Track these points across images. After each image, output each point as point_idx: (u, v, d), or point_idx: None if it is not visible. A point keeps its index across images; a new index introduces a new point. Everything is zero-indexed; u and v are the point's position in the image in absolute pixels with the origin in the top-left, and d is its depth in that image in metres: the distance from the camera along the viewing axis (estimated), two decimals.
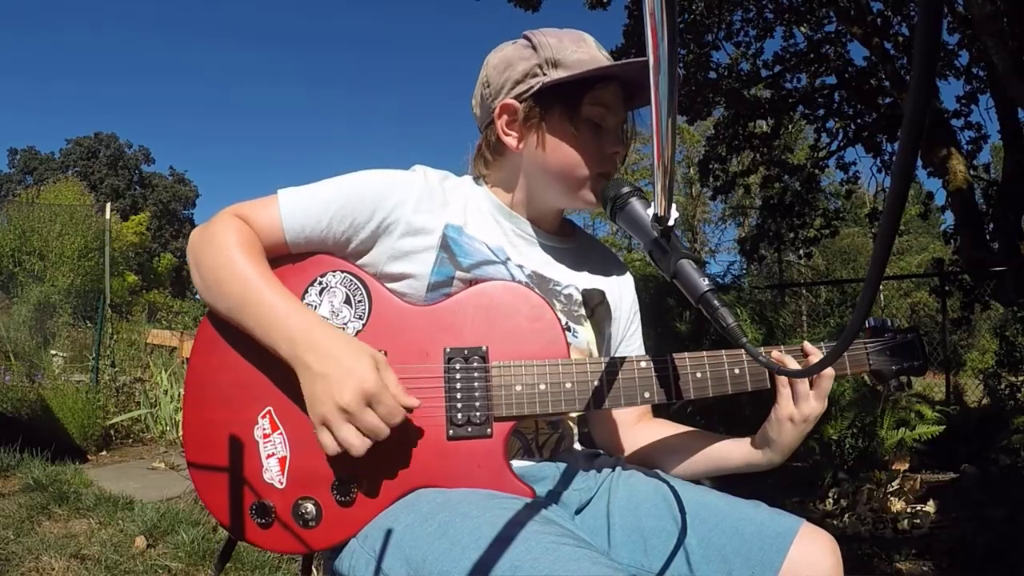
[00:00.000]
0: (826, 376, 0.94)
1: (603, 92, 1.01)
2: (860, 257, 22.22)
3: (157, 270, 33.02)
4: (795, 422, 0.95)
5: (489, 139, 1.07)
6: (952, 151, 5.92)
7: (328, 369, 0.83)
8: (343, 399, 0.81)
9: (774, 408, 0.96)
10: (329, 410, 0.82)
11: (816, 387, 0.94)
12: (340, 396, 0.81)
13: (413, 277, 0.97)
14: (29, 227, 12.68)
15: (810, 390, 0.94)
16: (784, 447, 0.98)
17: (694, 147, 21.75)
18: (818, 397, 0.94)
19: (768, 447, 0.99)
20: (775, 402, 0.96)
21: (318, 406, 0.83)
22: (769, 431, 0.98)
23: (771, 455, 0.99)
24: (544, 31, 1.04)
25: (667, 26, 0.54)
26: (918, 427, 3.85)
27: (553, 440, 1.04)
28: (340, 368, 0.83)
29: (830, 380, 0.95)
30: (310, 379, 0.84)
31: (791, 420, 0.95)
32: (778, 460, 1.00)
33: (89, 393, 5.14)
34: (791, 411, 0.94)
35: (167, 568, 2.47)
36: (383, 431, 0.83)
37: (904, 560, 2.68)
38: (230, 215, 0.95)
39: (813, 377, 0.94)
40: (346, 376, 0.82)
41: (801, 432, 0.96)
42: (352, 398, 0.81)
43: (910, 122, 0.35)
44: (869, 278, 0.44)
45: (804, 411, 0.94)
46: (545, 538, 0.73)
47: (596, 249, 1.19)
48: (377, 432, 0.83)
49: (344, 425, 0.82)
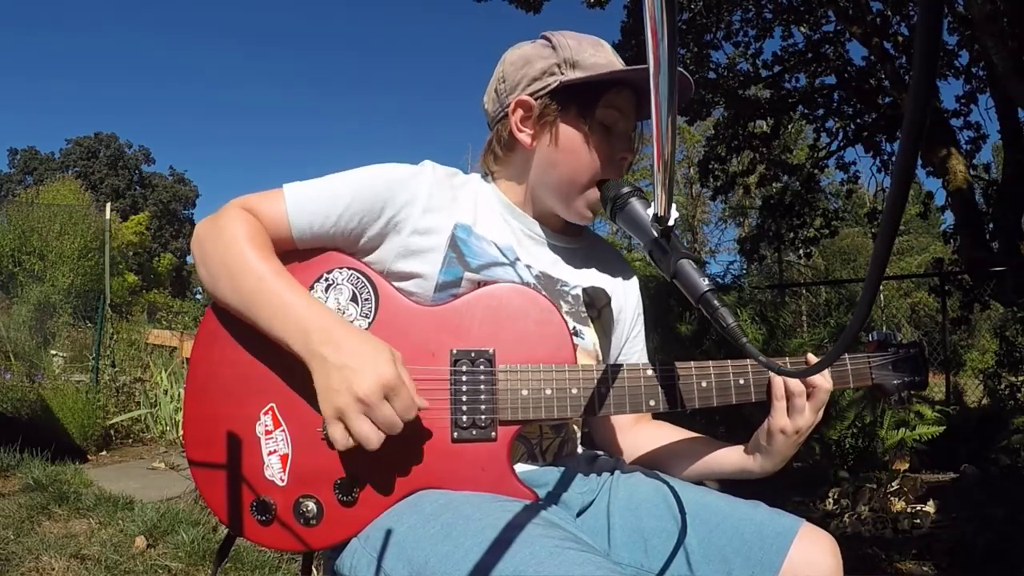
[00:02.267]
0: (822, 389, 0.94)
1: (617, 97, 1.01)
2: (860, 257, 22.22)
3: (157, 270, 33.01)
4: (787, 434, 0.94)
5: (501, 135, 1.07)
6: (952, 151, 5.92)
7: (346, 360, 0.82)
8: (362, 389, 0.80)
9: (768, 419, 0.96)
10: (346, 401, 0.81)
11: (812, 399, 0.94)
12: (359, 386, 0.80)
13: (421, 276, 0.96)
14: (29, 227, 12.67)
15: (806, 402, 0.94)
16: (777, 457, 0.98)
17: (694, 147, 21.75)
18: (812, 410, 0.94)
19: (761, 455, 0.99)
20: (770, 413, 0.95)
21: (334, 397, 0.82)
22: (762, 440, 0.98)
23: (763, 463, 0.99)
24: (564, 33, 1.05)
25: (667, 26, 0.54)
26: (918, 427, 3.85)
27: (556, 444, 1.04)
28: (359, 359, 0.82)
29: (827, 393, 0.94)
30: (325, 371, 0.83)
31: (783, 432, 0.94)
32: (771, 469, 1.00)
33: (89, 393, 5.14)
34: (784, 423, 0.94)
35: (167, 568, 2.47)
36: (398, 425, 0.82)
37: (904, 560, 2.67)
38: (237, 207, 0.94)
39: (809, 389, 0.94)
40: (365, 367, 0.81)
41: (794, 444, 0.96)
42: (371, 389, 0.80)
43: (910, 122, 0.35)
44: (869, 278, 0.44)
45: (798, 423, 0.94)
46: (549, 541, 0.73)
47: (603, 249, 1.19)
48: (393, 426, 0.82)
49: (359, 417, 0.81)
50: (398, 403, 0.82)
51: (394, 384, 0.81)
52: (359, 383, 0.80)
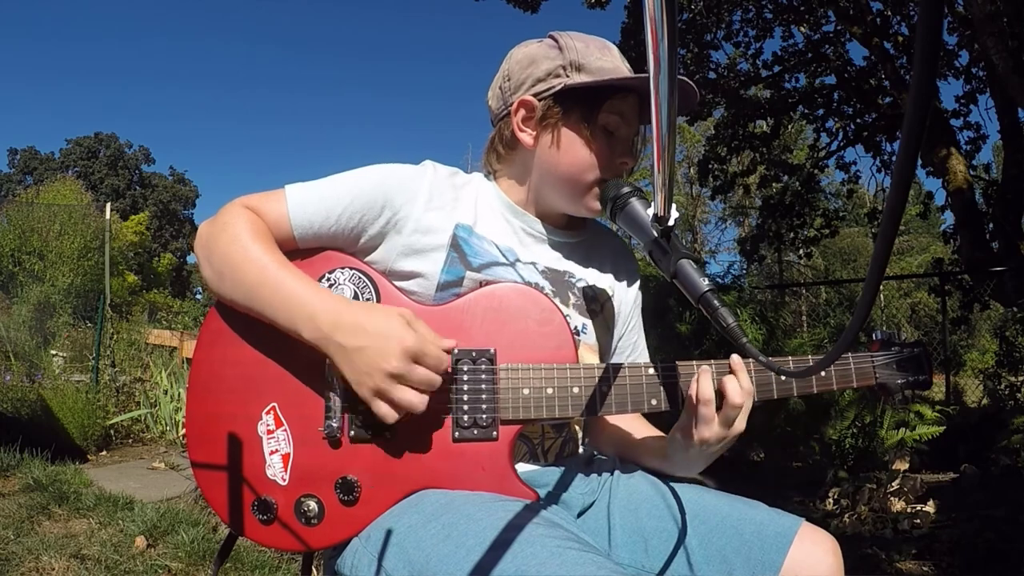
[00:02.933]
0: (730, 404, 0.88)
1: (621, 102, 1.01)
2: (860, 257, 22.22)
3: (157, 270, 32.98)
4: (689, 438, 0.90)
5: (503, 133, 1.07)
6: (952, 151, 5.93)
7: (362, 341, 0.83)
8: (390, 365, 0.81)
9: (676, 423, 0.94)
10: (380, 380, 0.82)
11: (721, 412, 0.88)
12: (387, 363, 0.81)
13: (423, 276, 0.97)
14: (29, 227, 12.65)
15: (714, 413, 0.88)
16: (679, 463, 0.98)
17: (694, 147, 21.76)
18: (722, 422, 0.88)
19: (667, 460, 1.00)
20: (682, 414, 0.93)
21: (366, 380, 0.83)
22: (669, 444, 0.97)
23: (670, 467, 1.00)
24: (571, 34, 1.04)
25: (667, 27, 0.54)
26: (918, 427, 3.86)
27: (558, 445, 1.04)
28: (374, 336, 0.83)
29: (736, 409, 0.88)
30: (346, 357, 0.84)
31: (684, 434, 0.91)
32: (679, 472, 1.00)
33: (89, 393, 5.14)
34: (685, 426, 0.91)
35: (167, 568, 2.47)
36: (437, 380, 0.84)
37: (904, 560, 2.68)
38: (240, 206, 0.95)
39: (719, 401, 0.88)
40: (384, 342, 0.82)
41: (701, 453, 0.92)
42: (399, 362, 0.82)
43: (910, 122, 0.35)
44: (869, 278, 0.44)
45: (704, 434, 0.89)
46: (550, 541, 0.73)
47: (606, 239, 1.18)
48: (432, 383, 0.84)
49: (399, 388, 0.82)
50: (429, 360, 0.83)
51: (418, 347, 0.83)
52: (385, 360, 0.82)
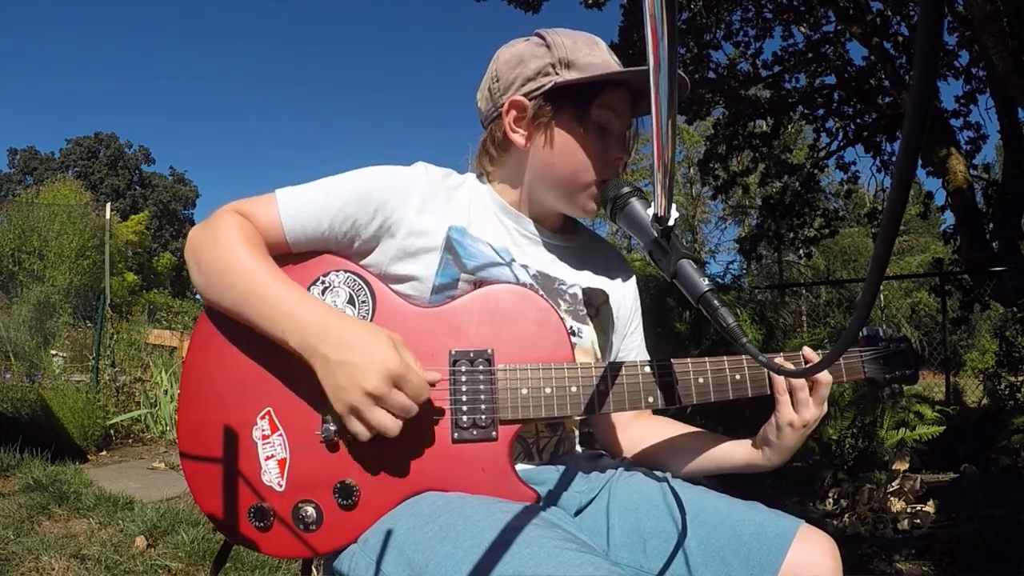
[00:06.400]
0: (823, 383, 0.95)
1: (612, 96, 1.01)
2: (860, 257, 22.21)
3: (157, 270, 32.97)
4: (795, 427, 0.96)
5: (495, 135, 1.06)
6: (952, 151, 5.92)
7: (347, 356, 0.82)
8: (369, 384, 0.81)
9: (775, 414, 0.97)
10: (356, 397, 0.81)
11: (815, 393, 0.95)
12: (366, 381, 0.81)
13: (417, 279, 0.96)
14: (29, 227, 12.66)
15: (809, 396, 0.95)
16: (785, 450, 0.99)
17: (694, 147, 21.75)
18: (817, 403, 0.95)
19: (769, 449, 1.00)
20: (776, 409, 0.97)
21: (343, 395, 0.82)
22: (770, 435, 0.98)
23: (771, 456, 1.00)
24: (558, 31, 1.03)
25: (667, 26, 0.54)
26: (918, 427, 3.86)
27: (552, 443, 1.04)
28: (360, 353, 0.82)
29: (827, 386, 0.96)
30: (329, 370, 0.83)
31: (791, 425, 0.96)
32: (778, 462, 1.01)
33: (89, 393, 5.14)
34: (791, 417, 0.95)
35: (167, 568, 2.47)
36: (413, 409, 0.83)
37: (904, 560, 2.67)
38: (231, 211, 0.94)
39: (811, 383, 0.95)
40: (368, 360, 0.81)
41: (801, 436, 0.97)
42: (379, 382, 0.81)
43: (910, 122, 0.35)
44: (869, 278, 0.44)
45: (805, 416, 0.95)
46: (548, 542, 0.73)
47: (599, 246, 1.18)
48: (408, 410, 0.83)
49: (374, 409, 0.82)
50: (409, 387, 0.82)
51: (400, 371, 0.82)
52: (365, 378, 0.81)
